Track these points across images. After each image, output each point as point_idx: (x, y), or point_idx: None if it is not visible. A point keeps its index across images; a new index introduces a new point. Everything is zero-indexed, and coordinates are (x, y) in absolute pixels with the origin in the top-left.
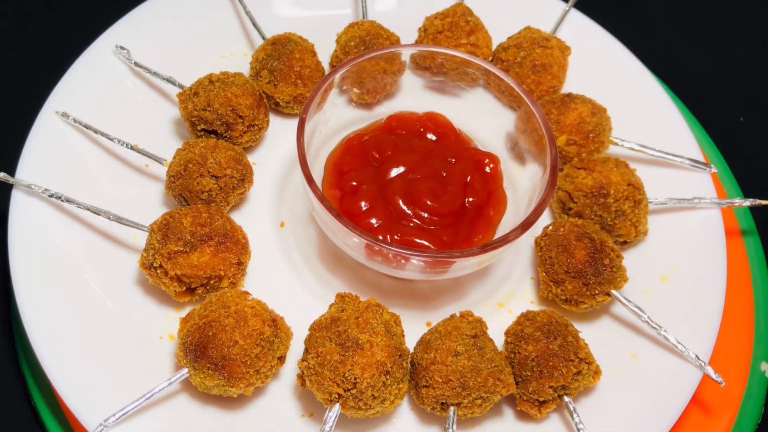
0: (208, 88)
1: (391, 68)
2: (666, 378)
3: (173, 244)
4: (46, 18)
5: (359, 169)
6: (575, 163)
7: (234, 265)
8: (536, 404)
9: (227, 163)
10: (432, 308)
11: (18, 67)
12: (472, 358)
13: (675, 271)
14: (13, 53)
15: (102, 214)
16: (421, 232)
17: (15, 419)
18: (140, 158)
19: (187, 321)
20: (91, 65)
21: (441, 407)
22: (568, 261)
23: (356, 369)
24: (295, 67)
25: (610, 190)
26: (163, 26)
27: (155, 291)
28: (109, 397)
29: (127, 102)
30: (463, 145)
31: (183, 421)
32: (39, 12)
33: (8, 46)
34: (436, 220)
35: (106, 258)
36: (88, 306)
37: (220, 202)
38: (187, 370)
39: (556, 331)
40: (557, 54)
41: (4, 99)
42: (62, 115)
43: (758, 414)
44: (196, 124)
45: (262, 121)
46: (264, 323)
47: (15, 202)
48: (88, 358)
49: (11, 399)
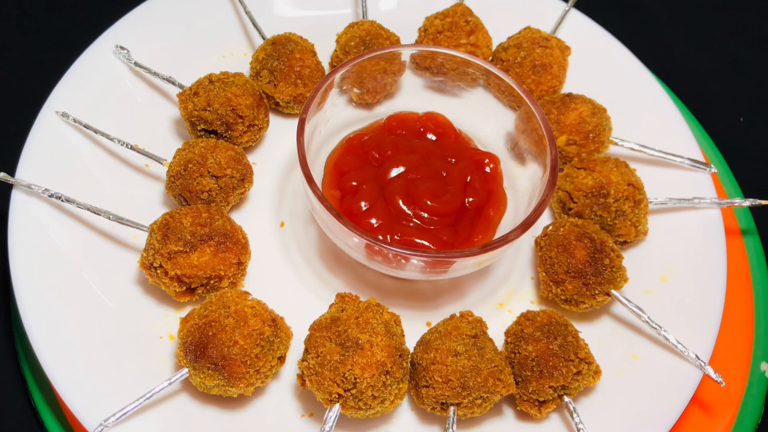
0: (208, 88)
1: (391, 68)
2: (666, 378)
3: (173, 244)
4: (46, 18)
5: (359, 169)
6: (575, 163)
7: (234, 265)
8: (536, 404)
9: (227, 163)
10: (432, 308)
11: (18, 67)
12: (472, 358)
13: (675, 271)
14: (13, 53)
15: (102, 213)
16: (421, 232)
17: (15, 419)
18: (140, 158)
19: (187, 321)
20: (91, 65)
21: (441, 407)
22: (568, 261)
23: (356, 369)
24: (295, 67)
25: (610, 190)
26: (163, 26)
27: (155, 291)
28: (109, 397)
29: (127, 102)
30: (463, 145)
31: (183, 421)
32: (39, 12)
33: (8, 46)
34: (436, 220)
35: (106, 258)
36: (88, 306)
37: (220, 202)
38: (187, 370)
39: (556, 331)
40: (557, 54)
41: (4, 99)
42: (62, 115)
43: (758, 414)
44: (196, 124)
45: (262, 121)
46: (264, 323)
47: (15, 201)
48: (88, 358)
49: (11, 399)
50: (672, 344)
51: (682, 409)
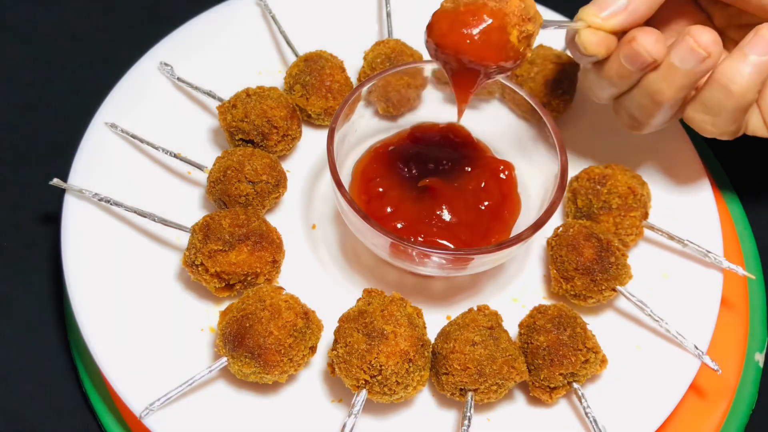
0: (246, 101)
1: (414, 83)
2: (667, 366)
3: (213, 243)
4: (96, 39)
5: (385, 175)
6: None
7: (269, 263)
8: (548, 390)
9: (263, 169)
10: (451, 303)
11: (71, 83)
12: (489, 347)
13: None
14: (67, 70)
15: (147, 216)
16: (442, 232)
17: (68, 405)
18: (183, 165)
19: (226, 314)
20: (137, 80)
21: (459, 393)
22: (577, 259)
23: (381, 357)
24: (326, 82)
25: (608, 181)
26: (204, 45)
27: (196, 287)
28: (154, 383)
29: (171, 114)
30: (481, 154)
31: (222, 406)
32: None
33: (62, 64)
34: (455, 222)
35: (151, 257)
36: (134, 301)
37: (256, 205)
38: (225, 359)
39: (565, 323)
40: (569, 70)
41: (58, 112)
42: (111, 126)
43: (752, 401)
44: (235, 134)
45: (295, 132)
46: (297, 316)
47: (67, 205)
48: (134, 349)
49: (65, 387)
50: (672, 335)
51: (681, 394)
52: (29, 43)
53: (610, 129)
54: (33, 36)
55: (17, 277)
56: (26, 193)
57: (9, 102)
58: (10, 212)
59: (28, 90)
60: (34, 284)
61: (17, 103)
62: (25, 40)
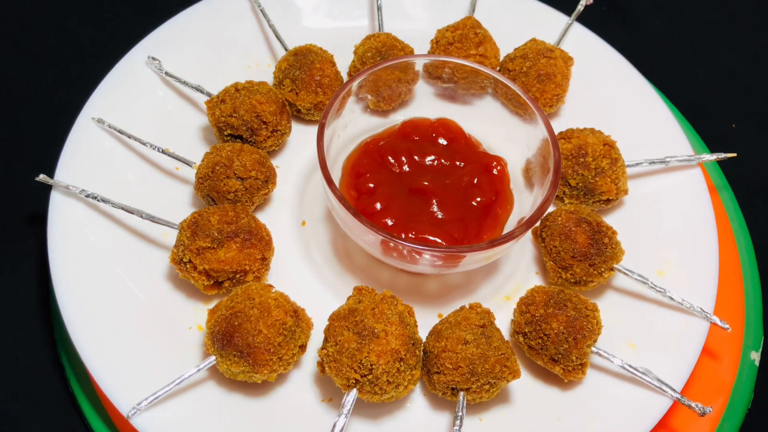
0: (234, 96)
1: (405, 77)
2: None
3: (202, 240)
4: (83, 31)
5: (375, 171)
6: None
7: (258, 260)
8: (579, 368)
9: (252, 165)
10: (443, 302)
11: (57, 78)
12: (481, 346)
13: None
14: (53, 64)
15: (135, 213)
16: (433, 229)
17: (54, 404)
18: (171, 161)
19: (215, 312)
20: (124, 75)
21: (451, 392)
22: (572, 247)
23: (372, 356)
24: (316, 77)
25: (588, 149)
26: (192, 39)
27: (185, 285)
28: (142, 382)
29: (159, 109)
30: (473, 149)
31: (210, 405)
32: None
33: (47, 58)
34: (447, 219)
35: (138, 254)
36: (122, 299)
37: (245, 201)
38: (214, 358)
39: (560, 300)
40: (561, 64)
41: (44, 107)
42: (98, 121)
43: (748, 399)
44: (223, 129)
45: (284, 127)
46: (286, 314)
47: (54, 202)
48: (122, 348)
49: (51, 386)
50: (677, 303)
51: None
52: (12, 36)
53: (602, 123)
54: (17, 28)
55: (2, 275)
56: (12, 189)
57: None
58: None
59: (13, 84)
60: (19, 282)
61: (1, 98)
62: (8, 33)
